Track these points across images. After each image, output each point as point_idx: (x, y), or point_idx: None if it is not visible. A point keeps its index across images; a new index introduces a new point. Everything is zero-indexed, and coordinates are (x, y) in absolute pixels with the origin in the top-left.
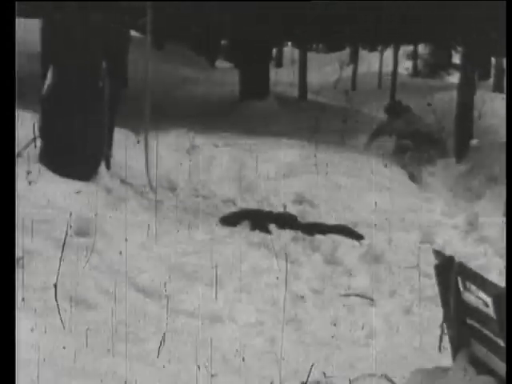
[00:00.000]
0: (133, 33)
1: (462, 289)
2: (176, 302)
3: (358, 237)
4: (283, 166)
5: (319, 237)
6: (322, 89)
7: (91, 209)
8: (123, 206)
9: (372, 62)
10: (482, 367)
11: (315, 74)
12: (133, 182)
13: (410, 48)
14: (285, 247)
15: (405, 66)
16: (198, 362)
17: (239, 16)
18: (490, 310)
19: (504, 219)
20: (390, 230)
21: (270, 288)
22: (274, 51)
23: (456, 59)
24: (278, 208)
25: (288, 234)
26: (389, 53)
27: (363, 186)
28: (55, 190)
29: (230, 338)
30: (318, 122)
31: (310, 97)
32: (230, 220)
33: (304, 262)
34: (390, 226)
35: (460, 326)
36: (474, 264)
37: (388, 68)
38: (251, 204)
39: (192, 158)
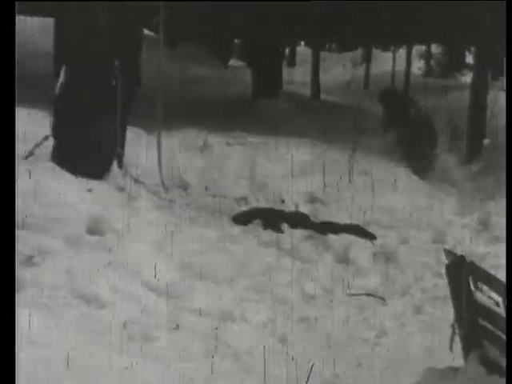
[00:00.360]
0: (146, 32)
1: (473, 289)
2: (188, 300)
3: (371, 236)
4: (295, 165)
5: (331, 236)
6: (334, 88)
7: (103, 207)
8: (135, 205)
9: (385, 62)
10: (493, 368)
11: (328, 74)
12: (145, 180)
13: (422, 48)
14: (297, 246)
15: (418, 66)
16: (209, 360)
17: (251, 16)
18: (501, 310)
19: None
20: (401, 229)
21: (282, 287)
22: (287, 51)
23: (469, 59)
24: (290, 207)
25: (300, 233)
26: (401, 52)
27: (375, 185)
28: (67, 189)
29: (242, 336)
30: (330, 121)
31: (322, 96)
32: (242, 219)
33: (316, 262)
34: (402, 226)
35: (472, 327)
36: (485, 264)
37: (401, 68)
38: (263, 203)
39: (204, 156)
